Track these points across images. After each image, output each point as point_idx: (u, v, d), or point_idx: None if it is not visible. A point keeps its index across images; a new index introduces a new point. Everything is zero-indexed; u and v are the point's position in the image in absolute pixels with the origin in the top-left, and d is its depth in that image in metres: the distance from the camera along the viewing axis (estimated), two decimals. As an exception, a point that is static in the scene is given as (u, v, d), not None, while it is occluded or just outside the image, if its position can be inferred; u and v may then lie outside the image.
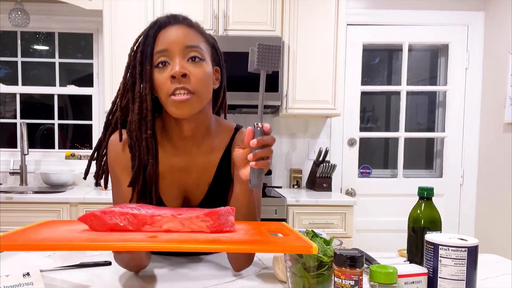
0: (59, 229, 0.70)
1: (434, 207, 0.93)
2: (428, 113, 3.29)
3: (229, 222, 0.68)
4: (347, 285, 0.70)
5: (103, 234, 0.64)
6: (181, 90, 0.90)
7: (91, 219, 0.66)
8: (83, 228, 0.69)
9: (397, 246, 1.25)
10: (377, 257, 1.06)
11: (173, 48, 0.91)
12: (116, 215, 0.64)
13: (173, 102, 0.90)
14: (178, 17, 0.97)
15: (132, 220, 0.64)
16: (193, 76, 0.91)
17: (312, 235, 0.83)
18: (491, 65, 2.91)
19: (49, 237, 0.64)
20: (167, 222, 0.64)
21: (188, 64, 0.91)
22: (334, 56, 2.63)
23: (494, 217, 2.86)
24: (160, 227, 0.65)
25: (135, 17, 2.56)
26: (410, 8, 2.98)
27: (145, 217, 0.64)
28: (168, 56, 0.92)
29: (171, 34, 0.93)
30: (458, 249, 0.76)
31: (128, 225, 0.64)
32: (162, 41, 0.93)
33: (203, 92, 0.93)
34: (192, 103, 0.91)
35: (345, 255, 0.70)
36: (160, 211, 0.68)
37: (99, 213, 0.65)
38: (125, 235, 0.62)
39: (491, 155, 2.90)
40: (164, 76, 0.91)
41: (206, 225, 0.65)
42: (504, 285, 0.94)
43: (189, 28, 0.96)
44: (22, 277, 0.75)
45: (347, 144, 3.05)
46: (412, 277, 0.78)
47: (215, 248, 0.63)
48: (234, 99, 2.50)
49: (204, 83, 0.93)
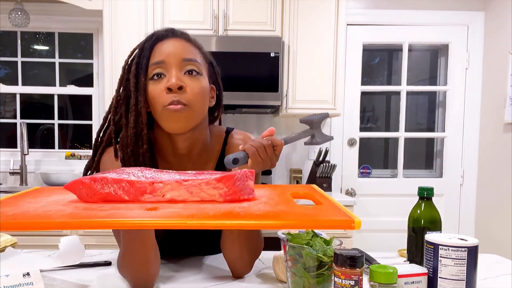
0: (44, 199, 0.61)
1: (434, 207, 0.93)
2: (428, 113, 3.29)
3: (247, 189, 0.55)
4: (347, 285, 0.70)
5: (90, 207, 0.53)
6: (175, 103, 0.87)
7: (79, 188, 0.56)
8: (71, 198, 0.59)
9: (397, 246, 1.25)
10: (377, 257, 1.06)
11: (170, 60, 0.90)
12: (109, 182, 0.54)
13: (169, 113, 0.88)
14: (176, 31, 0.95)
15: (128, 188, 0.53)
16: (189, 89, 0.89)
17: (312, 235, 0.83)
18: (491, 65, 2.91)
19: (26, 211, 0.53)
20: (170, 190, 0.53)
21: (184, 77, 0.90)
22: (334, 56, 2.63)
23: (494, 217, 2.86)
24: (162, 197, 0.54)
25: (135, 17, 2.56)
26: (410, 8, 2.98)
27: (144, 184, 0.53)
28: (165, 68, 0.90)
29: (168, 46, 0.91)
30: (458, 249, 0.76)
31: (123, 195, 0.54)
32: (158, 53, 0.91)
33: (199, 106, 0.91)
34: (187, 115, 0.89)
35: (345, 255, 0.70)
36: (162, 175, 0.57)
37: (88, 181, 0.55)
38: (118, 208, 0.51)
39: (491, 155, 2.90)
40: (159, 88, 0.89)
41: (219, 193, 0.53)
42: (504, 285, 0.94)
43: (187, 42, 0.95)
44: (22, 277, 0.74)
45: (347, 144, 3.05)
46: (412, 277, 0.78)
47: (228, 225, 0.51)
48: (234, 99, 2.49)
49: (200, 97, 0.91)
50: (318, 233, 0.85)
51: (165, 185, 0.53)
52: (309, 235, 0.83)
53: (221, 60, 2.51)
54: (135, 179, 0.53)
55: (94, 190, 0.55)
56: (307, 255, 0.77)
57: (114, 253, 1.12)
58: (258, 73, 2.56)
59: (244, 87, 2.55)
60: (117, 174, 0.56)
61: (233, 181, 0.53)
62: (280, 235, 0.85)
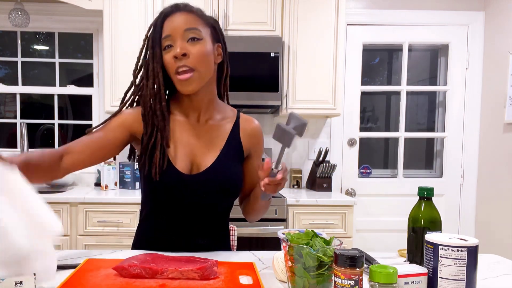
0: (99, 274, 0.94)
1: (434, 207, 0.93)
2: (428, 113, 3.29)
3: (213, 272, 0.91)
4: (347, 285, 0.71)
5: (129, 281, 0.89)
6: (183, 68, 1.05)
7: (121, 269, 0.91)
8: (114, 273, 0.93)
9: (397, 246, 1.26)
10: (377, 257, 1.06)
11: (174, 33, 1.07)
12: (138, 268, 0.90)
13: (178, 80, 1.07)
14: (179, 6, 1.11)
15: (149, 271, 0.90)
16: (193, 55, 1.06)
17: (312, 235, 0.84)
18: (491, 65, 2.91)
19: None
20: (171, 272, 0.89)
21: (188, 44, 1.06)
22: (334, 56, 2.64)
23: (494, 217, 2.87)
24: (167, 276, 0.90)
25: (135, 17, 2.56)
26: (410, 8, 2.98)
27: (157, 269, 0.90)
28: (172, 40, 1.07)
29: (173, 21, 1.08)
30: (458, 249, 0.76)
31: (145, 274, 0.90)
32: (166, 28, 1.08)
33: (203, 68, 1.08)
34: (194, 79, 1.06)
35: (345, 255, 0.71)
36: (168, 265, 0.91)
37: (127, 266, 0.90)
38: (144, 282, 0.88)
39: (491, 155, 2.91)
40: (169, 56, 1.07)
41: (197, 275, 0.89)
42: (504, 285, 0.94)
43: (189, 13, 1.09)
44: (14, 285, 0.74)
45: (347, 144, 3.05)
46: (412, 277, 0.78)
47: None
48: (234, 99, 2.47)
49: (203, 60, 1.07)
50: (318, 233, 0.85)
51: (169, 271, 0.90)
52: (309, 235, 0.84)
53: (221, 60, 2.53)
54: (153, 266, 0.90)
55: (129, 271, 0.90)
56: (307, 255, 0.77)
57: (114, 253, 1.13)
58: (258, 73, 2.57)
59: (244, 87, 2.55)
60: (141, 263, 0.92)
61: (205, 269, 0.89)
62: (280, 235, 0.85)
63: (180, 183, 1.09)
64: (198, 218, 1.14)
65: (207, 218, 1.16)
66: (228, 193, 1.15)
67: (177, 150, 1.12)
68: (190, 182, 1.10)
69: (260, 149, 1.24)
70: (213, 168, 1.11)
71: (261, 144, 1.24)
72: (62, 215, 2.38)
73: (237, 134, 1.18)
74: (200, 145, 1.14)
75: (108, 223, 2.39)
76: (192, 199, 1.11)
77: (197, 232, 1.15)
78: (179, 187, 1.09)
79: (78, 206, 2.39)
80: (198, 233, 1.15)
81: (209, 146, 1.14)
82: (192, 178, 1.10)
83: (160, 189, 1.10)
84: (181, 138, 1.13)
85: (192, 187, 1.10)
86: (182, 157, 1.11)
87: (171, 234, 1.15)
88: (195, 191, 1.10)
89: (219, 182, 1.11)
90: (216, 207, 1.16)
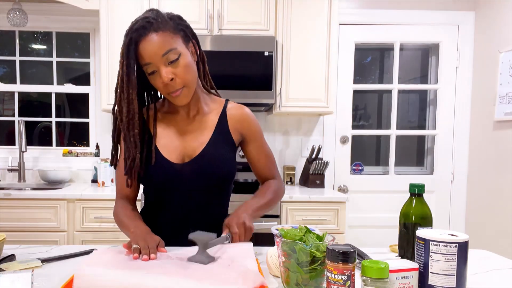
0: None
1: (425, 203, 0.94)
2: (419, 111, 3.33)
3: None
4: (340, 280, 0.72)
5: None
6: (173, 89, 1.09)
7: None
8: None
9: (389, 242, 1.27)
10: (369, 253, 1.07)
11: (153, 60, 1.06)
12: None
13: (171, 98, 1.11)
14: (146, 27, 1.06)
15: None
16: (179, 76, 1.08)
17: (305, 231, 0.85)
18: (481, 64, 2.94)
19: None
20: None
21: (170, 67, 1.07)
22: (327, 55, 2.67)
23: (484, 213, 2.90)
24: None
25: (131, 17, 2.54)
26: (401, 8, 3.02)
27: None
28: (155, 66, 1.07)
29: (147, 48, 1.05)
30: (448, 244, 0.77)
31: None
32: (142, 55, 1.07)
33: (191, 81, 1.11)
34: (186, 93, 1.11)
35: (338, 250, 0.72)
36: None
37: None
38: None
39: (481, 152, 2.94)
40: (159, 82, 1.09)
41: None
42: (494, 280, 0.95)
43: (157, 33, 1.05)
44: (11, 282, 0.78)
45: (339, 142, 3.09)
46: (403, 272, 0.79)
47: None
48: (228, 97, 2.50)
49: (188, 73, 1.09)
50: (311, 229, 0.87)
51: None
52: (302, 231, 0.85)
53: (216, 59, 2.57)
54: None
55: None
56: (300, 250, 0.78)
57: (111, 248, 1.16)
58: (252, 72, 2.60)
59: (238, 86, 2.58)
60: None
61: None
62: (273, 231, 0.87)
63: (172, 173, 1.15)
64: (194, 210, 1.18)
65: (203, 209, 1.19)
66: (219, 177, 1.18)
67: (169, 144, 1.18)
68: (182, 170, 1.16)
69: (254, 130, 1.26)
70: (202, 155, 1.17)
71: (253, 126, 1.26)
72: (59, 211, 2.42)
73: (225, 122, 1.22)
74: (190, 137, 1.19)
75: (104, 219, 2.42)
76: (186, 187, 1.16)
77: (194, 224, 1.15)
78: (171, 177, 1.15)
79: (75, 202, 2.43)
80: (196, 225, 1.17)
81: (198, 137, 1.19)
82: (183, 166, 1.16)
83: (155, 181, 1.17)
84: (172, 132, 1.20)
85: (184, 176, 1.16)
86: (174, 150, 1.17)
87: (168, 226, 1.19)
88: (188, 179, 1.16)
89: (209, 167, 1.16)
90: (211, 195, 1.20)
